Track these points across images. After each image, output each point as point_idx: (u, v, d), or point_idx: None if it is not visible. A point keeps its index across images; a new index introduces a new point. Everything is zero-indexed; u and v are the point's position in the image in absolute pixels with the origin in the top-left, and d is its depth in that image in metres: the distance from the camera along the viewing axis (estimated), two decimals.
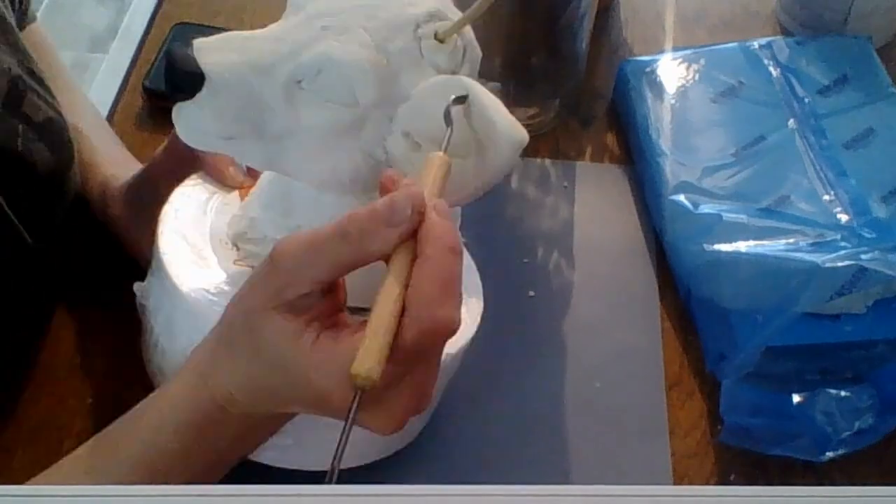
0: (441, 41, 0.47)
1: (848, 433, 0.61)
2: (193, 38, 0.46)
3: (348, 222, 0.42)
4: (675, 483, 0.62)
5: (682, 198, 0.71)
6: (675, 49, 0.85)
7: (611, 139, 0.83)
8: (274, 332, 0.43)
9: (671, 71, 0.81)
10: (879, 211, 0.69)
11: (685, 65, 0.81)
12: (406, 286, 0.41)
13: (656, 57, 0.83)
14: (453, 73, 0.48)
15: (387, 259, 0.42)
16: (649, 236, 0.75)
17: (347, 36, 0.45)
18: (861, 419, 0.62)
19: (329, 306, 0.44)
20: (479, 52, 0.50)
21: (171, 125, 0.49)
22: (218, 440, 0.47)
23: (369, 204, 0.42)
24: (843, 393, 0.63)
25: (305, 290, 0.42)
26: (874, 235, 0.67)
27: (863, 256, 0.63)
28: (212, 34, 0.47)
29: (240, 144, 0.48)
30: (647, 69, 0.81)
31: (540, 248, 0.75)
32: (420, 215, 0.42)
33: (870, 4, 0.84)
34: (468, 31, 0.49)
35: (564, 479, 0.62)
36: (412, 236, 0.42)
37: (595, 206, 0.77)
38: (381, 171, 0.46)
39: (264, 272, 0.44)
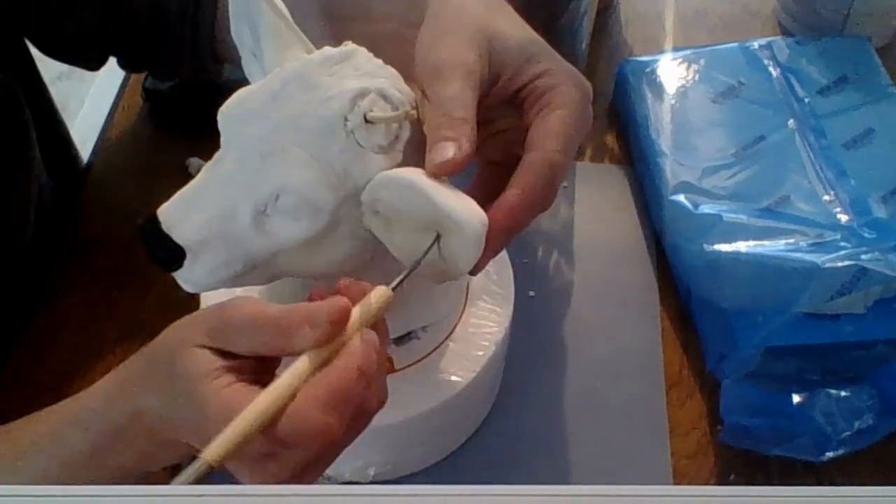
0: (371, 122, 0.46)
1: (848, 433, 0.61)
2: None
3: (285, 315, 0.43)
4: (675, 483, 0.62)
5: (682, 198, 0.71)
6: (675, 49, 0.85)
7: (611, 139, 0.83)
8: (192, 365, 0.43)
9: (671, 71, 0.81)
10: (879, 211, 0.69)
11: (685, 65, 0.81)
12: (298, 386, 0.42)
13: (656, 57, 0.83)
14: (397, 139, 0.47)
15: None
16: (649, 236, 0.75)
17: (284, 159, 0.45)
18: (861, 419, 0.62)
19: (257, 367, 0.45)
20: (412, 98, 0.49)
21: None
22: (123, 451, 0.47)
23: (304, 305, 0.43)
24: (843, 393, 0.63)
25: (237, 352, 0.44)
26: (874, 235, 0.67)
27: (863, 256, 0.63)
28: None
29: (240, 279, 0.49)
30: (647, 69, 0.81)
31: (540, 248, 0.75)
32: (336, 327, 0.42)
33: (870, 4, 0.84)
34: (395, 86, 0.48)
35: (564, 480, 0.62)
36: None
37: (595, 206, 0.77)
38: (375, 243, 0.48)
39: (210, 316, 0.45)
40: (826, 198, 0.71)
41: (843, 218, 0.69)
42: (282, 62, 0.48)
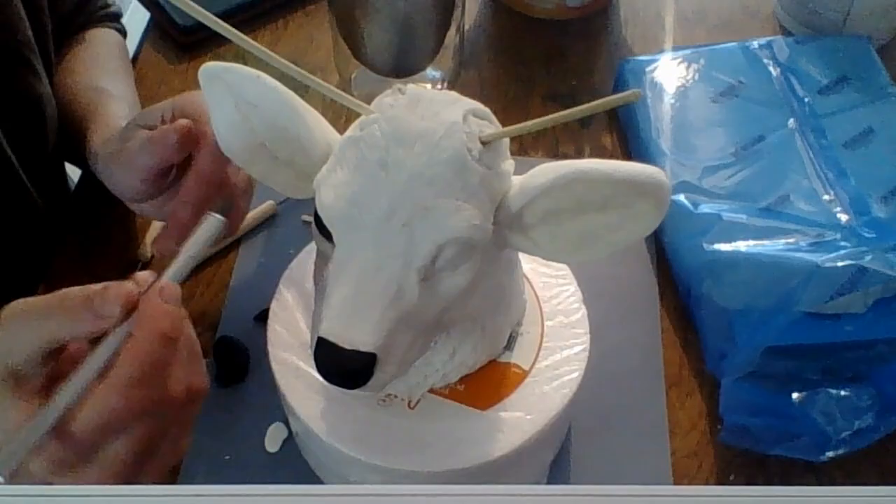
0: (486, 142, 0.46)
1: (848, 433, 0.61)
2: None
3: (63, 300, 0.44)
4: (675, 483, 0.62)
5: (682, 197, 0.71)
6: (675, 49, 0.85)
7: (610, 139, 0.83)
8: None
9: (671, 71, 0.81)
10: (879, 211, 0.69)
11: (685, 65, 0.81)
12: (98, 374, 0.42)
13: (656, 57, 0.83)
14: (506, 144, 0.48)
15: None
16: (649, 236, 0.75)
17: (434, 213, 0.44)
18: (861, 419, 0.62)
19: (49, 376, 0.45)
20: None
21: None
22: None
23: (86, 288, 0.44)
24: (842, 393, 0.63)
25: (25, 356, 0.43)
26: (874, 235, 0.67)
27: (863, 256, 0.63)
28: None
29: (422, 349, 0.50)
30: (647, 69, 0.81)
31: None
32: (129, 312, 0.44)
33: (870, 4, 0.84)
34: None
35: (564, 480, 0.62)
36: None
37: None
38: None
39: None
40: (826, 197, 0.71)
41: (843, 218, 0.69)
42: (329, 134, 0.49)
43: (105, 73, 0.75)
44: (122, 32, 0.83)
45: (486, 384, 0.55)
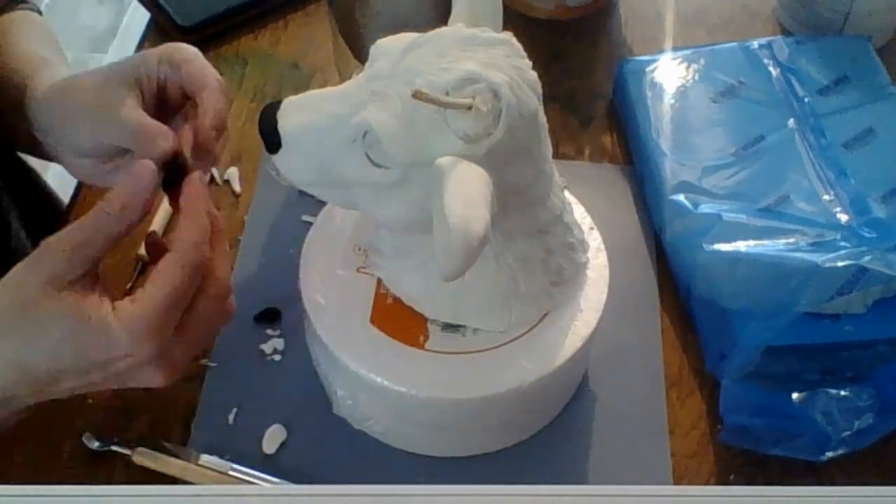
0: (468, 108, 0.47)
1: (848, 433, 0.61)
2: None
3: (106, 202, 0.50)
4: (675, 483, 0.62)
5: (682, 198, 0.71)
6: (675, 49, 0.85)
7: (610, 139, 0.83)
8: (66, 309, 0.48)
9: (671, 71, 0.81)
10: (879, 211, 0.69)
11: (685, 65, 0.81)
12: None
13: (656, 57, 0.83)
14: (487, 136, 0.48)
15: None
16: (649, 236, 0.75)
17: (385, 104, 0.49)
18: (861, 419, 0.62)
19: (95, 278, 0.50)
20: (528, 106, 0.50)
21: None
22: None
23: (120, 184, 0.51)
24: (842, 393, 0.63)
25: (82, 270, 0.48)
26: (874, 235, 0.67)
27: (863, 256, 0.63)
28: None
29: (319, 189, 0.55)
30: (647, 69, 0.81)
31: None
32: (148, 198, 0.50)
33: (870, 4, 0.84)
34: (513, 88, 0.49)
35: (565, 480, 0.62)
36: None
37: (595, 206, 0.77)
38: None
39: (33, 262, 0.48)
40: (826, 197, 0.71)
41: (843, 218, 0.69)
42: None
43: (41, 43, 0.71)
44: (39, 12, 0.77)
45: None
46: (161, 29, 0.91)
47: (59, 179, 0.83)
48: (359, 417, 0.62)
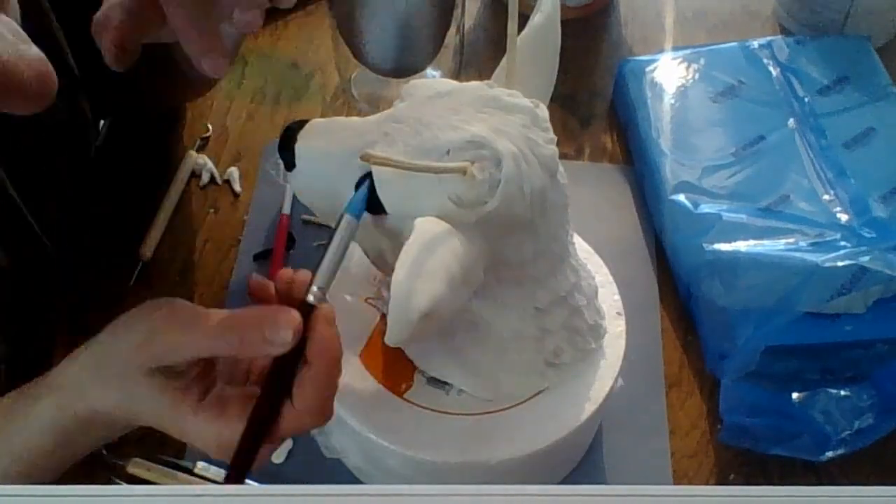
0: (463, 173, 0.46)
1: (848, 433, 0.61)
2: None
3: (231, 325, 0.46)
4: (675, 483, 0.62)
5: (682, 198, 0.71)
6: (675, 49, 0.85)
7: (610, 139, 0.83)
8: (150, 396, 0.47)
9: (671, 71, 0.81)
10: (879, 211, 0.69)
11: (685, 64, 0.81)
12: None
13: (656, 57, 0.83)
14: (482, 204, 0.47)
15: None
16: (649, 236, 0.75)
17: (390, 147, 0.48)
18: (861, 419, 0.62)
19: (202, 373, 0.48)
20: (533, 182, 0.48)
21: None
22: (82, 442, 0.50)
23: (255, 310, 0.47)
24: (842, 392, 0.63)
25: (178, 362, 0.46)
26: (874, 235, 0.67)
27: (863, 256, 0.63)
28: None
29: (323, 213, 0.54)
30: (647, 69, 0.81)
31: None
32: (298, 334, 0.46)
33: (870, 4, 0.84)
34: (518, 161, 0.47)
35: (564, 479, 0.62)
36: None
37: (595, 207, 0.77)
38: None
39: (146, 329, 0.47)
40: (826, 197, 0.71)
41: (843, 217, 0.69)
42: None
43: None
44: None
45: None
46: None
47: None
48: (331, 448, 0.60)
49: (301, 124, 0.52)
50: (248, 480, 0.47)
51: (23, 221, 0.61)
